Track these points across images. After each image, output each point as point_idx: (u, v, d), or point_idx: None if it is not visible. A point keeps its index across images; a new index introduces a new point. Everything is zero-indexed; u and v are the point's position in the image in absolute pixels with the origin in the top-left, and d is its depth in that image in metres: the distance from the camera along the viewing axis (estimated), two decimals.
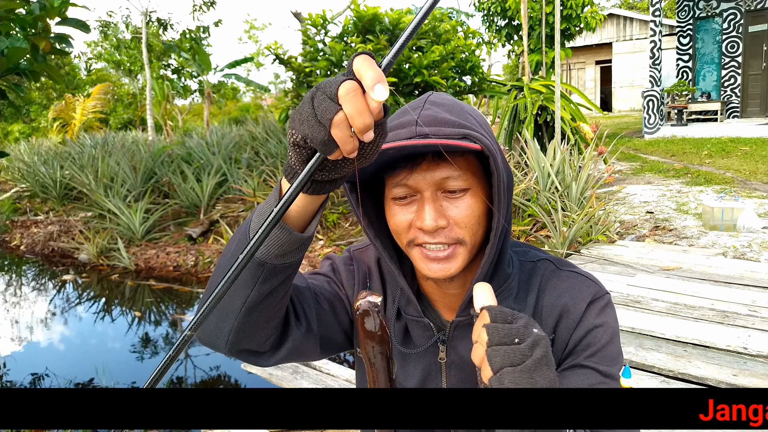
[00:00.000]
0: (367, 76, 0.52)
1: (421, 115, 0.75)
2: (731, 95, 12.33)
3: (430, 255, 0.78)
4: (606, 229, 4.87)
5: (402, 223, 0.78)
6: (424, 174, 0.75)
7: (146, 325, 5.41)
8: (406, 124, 0.75)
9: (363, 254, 0.97)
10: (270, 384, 2.99)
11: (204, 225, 7.43)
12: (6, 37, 2.67)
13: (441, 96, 0.82)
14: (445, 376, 0.87)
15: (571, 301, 0.83)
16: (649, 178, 7.82)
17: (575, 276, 0.86)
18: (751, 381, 2.28)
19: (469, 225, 0.77)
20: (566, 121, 7.07)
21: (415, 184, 0.76)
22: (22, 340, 5.20)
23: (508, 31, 13.36)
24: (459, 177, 0.76)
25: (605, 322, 0.82)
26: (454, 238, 0.77)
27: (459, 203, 0.77)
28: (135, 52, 17.37)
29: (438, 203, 0.76)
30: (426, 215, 0.75)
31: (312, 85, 6.58)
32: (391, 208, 0.80)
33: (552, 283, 0.86)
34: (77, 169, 9.29)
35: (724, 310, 3.00)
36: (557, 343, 0.83)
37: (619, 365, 0.81)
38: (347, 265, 0.95)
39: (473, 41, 7.22)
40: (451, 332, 0.86)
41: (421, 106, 0.78)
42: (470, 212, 0.77)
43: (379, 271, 0.94)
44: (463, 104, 0.81)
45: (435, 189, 0.76)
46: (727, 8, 12.08)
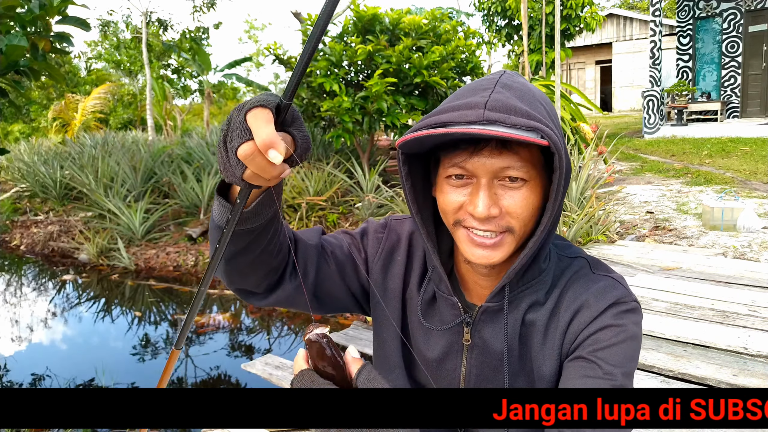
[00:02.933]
0: (258, 140, 0.56)
1: (491, 98, 0.72)
2: (731, 95, 12.33)
3: (476, 240, 0.77)
4: (606, 229, 4.87)
5: (453, 203, 0.77)
6: (485, 160, 0.73)
7: (146, 325, 5.40)
8: (474, 105, 0.72)
9: (400, 225, 0.97)
10: (270, 384, 2.99)
11: (204, 225, 7.43)
12: (5, 35, 2.66)
13: (513, 78, 0.79)
14: (465, 358, 0.88)
15: (592, 299, 0.81)
16: (649, 178, 7.82)
17: (605, 278, 0.84)
18: (751, 381, 2.28)
19: (522, 216, 0.76)
20: (566, 121, 7.07)
21: (474, 168, 0.74)
22: (22, 340, 5.20)
23: (508, 31, 13.36)
24: (520, 168, 0.74)
25: (622, 324, 0.79)
26: (504, 226, 0.76)
27: (515, 194, 0.75)
28: (135, 52, 17.37)
29: (493, 191, 0.75)
30: (480, 202, 0.74)
31: (312, 85, 6.58)
32: (443, 186, 0.79)
33: (580, 281, 0.85)
34: (77, 169, 9.29)
35: (724, 310, 3.00)
36: (568, 336, 0.82)
37: (626, 370, 0.76)
38: (377, 233, 0.95)
39: (473, 41, 7.22)
40: (478, 316, 0.86)
41: (492, 87, 0.74)
42: (525, 204, 0.75)
43: (408, 244, 0.94)
44: (534, 90, 0.79)
45: (492, 176, 0.74)
46: (727, 8, 12.08)
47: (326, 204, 6.63)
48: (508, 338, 0.84)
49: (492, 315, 0.85)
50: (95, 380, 4.11)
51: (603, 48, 20.65)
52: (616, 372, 0.75)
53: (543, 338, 0.84)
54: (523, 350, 0.85)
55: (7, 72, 2.73)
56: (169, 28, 13.26)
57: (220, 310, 5.59)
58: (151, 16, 12.91)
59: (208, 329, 5.11)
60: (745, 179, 7.10)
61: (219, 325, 5.21)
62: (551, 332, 0.84)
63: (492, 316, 0.85)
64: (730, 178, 7.14)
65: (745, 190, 6.39)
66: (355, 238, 0.95)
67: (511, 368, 0.85)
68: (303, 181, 6.72)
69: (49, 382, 4.16)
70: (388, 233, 0.95)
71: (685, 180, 7.41)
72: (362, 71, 6.87)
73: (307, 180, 6.72)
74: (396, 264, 0.93)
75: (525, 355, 0.86)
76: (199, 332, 5.07)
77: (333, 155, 7.77)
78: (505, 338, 0.84)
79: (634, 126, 14.27)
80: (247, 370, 3.25)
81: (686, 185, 7.08)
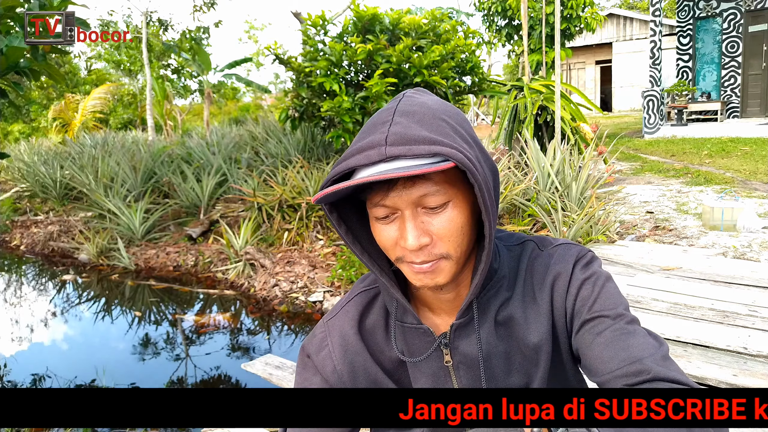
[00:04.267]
0: None
1: (390, 133, 0.72)
2: (731, 95, 12.33)
3: (416, 269, 0.78)
4: (606, 229, 4.87)
5: (388, 240, 0.78)
6: (401, 193, 0.74)
7: (146, 325, 5.41)
8: (375, 144, 0.72)
9: (336, 321, 0.94)
10: (270, 384, 2.99)
11: (204, 225, 7.43)
12: (5, 35, 2.67)
13: (413, 99, 0.79)
14: (455, 378, 0.89)
15: (558, 269, 0.86)
16: (649, 178, 7.82)
17: (556, 248, 0.90)
18: (751, 381, 2.28)
19: (453, 237, 0.77)
20: (566, 121, 7.07)
21: (394, 204, 0.75)
22: (23, 340, 5.20)
23: (508, 31, 13.36)
24: (437, 192, 0.74)
25: (593, 272, 0.85)
26: (437, 254, 0.77)
27: (440, 217, 0.76)
28: (135, 52, 17.37)
29: (419, 220, 0.76)
30: (408, 235, 0.75)
31: (312, 85, 6.57)
32: (375, 227, 0.80)
33: (538, 262, 0.89)
34: (77, 169, 9.29)
35: (724, 310, 3.00)
36: (557, 311, 0.86)
37: (622, 304, 0.82)
38: (321, 351, 0.92)
39: (473, 41, 7.21)
40: (452, 335, 0.86)
41: (390, 120, 0.75)
42: (452, 225, 0.76)
43: (358, 328, 0.92)
44: (435, 106, 0.79)
45: (414, 206, 0.75)
46: (727, 8, 12.08)
47: None
48: (483, 345, 0.86)
49: (464, 329, 0.86)
50: (95, 380, 4.11)
51: (603, 48, 20.66)
52: (619, 310, 0.81)
53: (526, 326, 0.86)
54: (509, 348, 0.87)
55: (8, 73, 2.74)
56: (169, 27, 13.26)
57: (220, 310, 5.59)
58: (151, 16, 12.92)
59: (208, 329, 5.11)
60: (745, 179, 7.10)
61: (219, 325, 5.21)
62: (533, 316, 0.86)
63: (464, 330, 0.86)
64: (730, 178, 7.14)
65: (745, 190, 6.39)
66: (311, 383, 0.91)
67: (499, 371, 0.87)
68: (303, 182, 6.72)
69: (49, 382, 4.16)
70: (330, 340, 0.92)
71: (685, 180, 7.41)
72: (362, 71, 6.87)
73: (307, 180, 6.72)
74: (356, 356, 0.91)
75: (512, 352, 0.87)
76: (199, 332, 5.07)
77: (333, 155, 7.77)
78: (479, 347, 0.85)
79: (634, 126, 14.27)
80: (247, 370, 3.25)
81: (686, 185, 7.08)
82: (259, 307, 5.41)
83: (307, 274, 5.64)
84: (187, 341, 4.98)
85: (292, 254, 6.13)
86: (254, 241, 6.40)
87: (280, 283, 5.60)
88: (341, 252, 5.72)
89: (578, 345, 0.82)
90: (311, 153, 7.96)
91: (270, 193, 6.82)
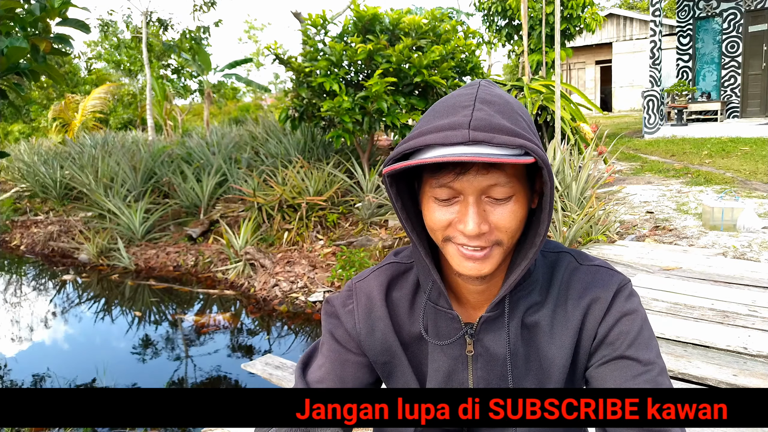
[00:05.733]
0: None
1: (474, 117, 0.72)
2: (731, 95, 12.33)
3: (466, 253, 0.78)
4: (606, 229, 4.87)
5: (441, 222, 0.78)
6: (472, 179, 0.74)
7: (146, 325, 5.41)
8: (457, 125, 0.72)
9: (365, 283, 0.96)
10: (270, 384, 2.99)
11: (204, 225, 7.43)
12: (6, 36, 2.67)
13: (490, 90, 0.79)
14: (471, 369, 0.89)
15: (597, 292, 0.85)
16: (649, 178, 7.82)
17: (597, 269, 0.88)
18: (751, 381, 2.28)
19: (511, 230, 0.78)
20: (566, 121, 7.07)
21: (461, 188, 0.75)
22: (23, 340, 5.20)
23: (508, 31, 13.36)
24: (506, 184, 0.75)
25: (634, 309, 0.84)
26: (492, 240, 0.78)
27: (503, 209, 0.76)
28: (135, 52, 17.37)
29: (481, 207, 0.76)
30: (470, 220, 0.75)
31: (312, 84, 6.58)
32: (429, 206, 0.79)
33: (576, 277, 0.88)
34: (77, 169, 9.29)
35: (724, 310, 3.00)
36: (585, 333, 0.85)
37: (655, 350, 0.82)
38: (345, 306, 0.94)
39: (473, 41, 7.22)
40: (479, 326, 0.87)
41: (473, 104, 0.75)
42: (513, 217, 0.77)
43: (385, 295, 0.93)
44: (512, 101, 0.79)
45: (480, 194, 0.75)
46: (727, 8, 12.08)
47: (326, 204, 6.63)
48: (510, 344, 0.86)
49: (492, 323, 0.87)
50: (96, 380, 4.11)
51: (603, 48, 20.66)
52: (651, 357, 0.81)
53: (550, 336, 0.86)
54: (528, 352, 0.87)
55: (8, 73, 2.74)
56: (169, 27, 13.26)
57: (220, 310, 5.59)
58: (151, 15, 12.92)
59: (209, 329, 5.11)
60: (745, 179, 7.10)
61: (219, 325, 5.21)
62: (558, 329, 0.86)
63: (492, 325, 0.87)
64: (730, 178, 7.14)
65: (745, 190, 6.39)
66: (330, 345, 0.94)
67: (516, 371, 0.87)
68: (303, 181, 6.72)
69: (49, 382, 4.16)
70: (357, 299, 0.94)
71: (685, 180, 7.41)
72: (362, 71, 6.88)
73: (307, 180, 6.72)
74: (378, 321, 0.92)
75: (530, 357, 0.88)
76: (200, 332, 5.07)
77: (333, 155, 7.77)
78: (507, 344, 0.86)
79: (634, 126, 14.27)
80: (247, 370, 3.25)
81: (686, 185, 7.08)
82: (259, 307, 5.41)
83: (307, 274, 5.64)
84: (187, 341, 4.98)
85: (292, 254, 6.13)
86: (254, 241, 6.40)
87: (280, 283, 5.60)
88: (341, 252, 5.72)
89: (597, 376, 0.83)
90: (311, 153, 7.96)
91: (270, 193, 6.82)
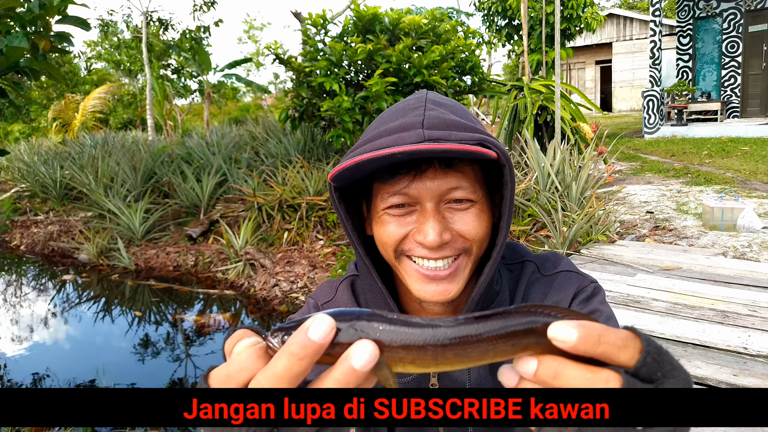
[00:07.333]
0: None
1: (427, 116, 0.67)
2: (731, 95, 12.33)
3: (429, 274, 0.69)
4: (606, 229, 4.87)
5: (395, 235, 0.69)
6: (429, 183, 0.67)
7: (146, 325, 5.40)
8: (410, 126, 0.66)
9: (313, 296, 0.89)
10: None
11: (204, 225, 7.43)
12: (5, 35, 2.67)
13: (437, 95, 0.74)
14: None
15: (555, 298, 0.78)
16: (649, 178, 7.81)
17: (556, 276, 0.81)
18: (751, 381, 2.28)
19: (478, 236, 0.70)
20: (566, 121, 7.07)
21: (417, 193, 0.67)
22: (23, 340, 5.20)
23: (508, 31, 13.38)
24: (468, 188, 0.68)
25: (594, 309, 0.76)
26: (459, 248, 0.69)
27: (465, 216, 0.69)
28: (135, 52, 17.37)
29: (441, 215, 0.68)
30: (429, 229, 0.66)
31: (312, 84, 6.58)
32: (380, 218, 0.71)
33: (535, 288, 0.80)
34: (77, 169, 9.29)
35: (724, 310, 3.00)
36: None
37: None
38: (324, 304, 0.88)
39: (473, 41, 7.22)
40: None
41: (423, 105, 0.69)
42: (479, 224, 0.69)
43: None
44: (461, 106, 0.75)
45: (438, 200, 0.68)
46: (727, 8, 12.08)
47: (326, 204, 6.63)
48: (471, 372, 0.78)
49: None
50: (96, 380, 4.11)
51: (603, 48, 20.66)
52: None
53: None
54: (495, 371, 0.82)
55: (8, 72, 2.74)
56: (169, 27, 13.26)
57: (220, 311, 5.59)
58: (151, 15, 12.92)
59: (209, 329, 5.11)
60: (745, 179, 7.10)
61: (219, 325, 5.21)
62: None
63: None
64: (730, 178, 7.14)
65: (745, 190, 6.39)
66: None
67: None
68: (303, 182, 6.72)
69: (49, 382, 4.16)
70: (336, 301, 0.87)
71: (685, 180, 7.41)
72: (362, 71, 6.87)
73: (307, 180, 6.72)
74: None
75: None
76: (200, 332, 5.07)
77: (333, 155, 7.77)
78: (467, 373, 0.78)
79: (634, 126, 14.27)
80: None
81: (686, 185, 7.08)
82: (259, 307, 5.41)
83: (307, 274, 5.64)
84: (188, 341, 4.98)
85: (292, 254, 6.13)
86: (254, 241, 6.40)
87: (280, 283, 5.60)
88: (341, 252, 5.72)
89: None
90: (311, 153, 7.96)
91: (270, 193, 6.82)
